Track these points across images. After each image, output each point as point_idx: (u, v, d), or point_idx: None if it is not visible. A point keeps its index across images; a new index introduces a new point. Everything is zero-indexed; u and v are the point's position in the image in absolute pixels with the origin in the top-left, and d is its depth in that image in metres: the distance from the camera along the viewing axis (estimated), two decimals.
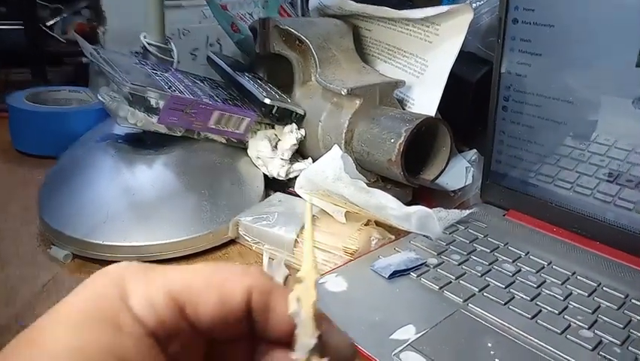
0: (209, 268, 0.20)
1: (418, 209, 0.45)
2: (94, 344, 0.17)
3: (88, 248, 0.48)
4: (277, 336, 0.20)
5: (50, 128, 0.68)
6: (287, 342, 0.20)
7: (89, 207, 0.50)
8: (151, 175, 0.54)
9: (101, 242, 0.47)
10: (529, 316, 0.40)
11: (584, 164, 0.50)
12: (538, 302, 0.42)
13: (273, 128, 0.65)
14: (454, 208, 0.57)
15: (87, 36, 0.88)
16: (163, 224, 0.49)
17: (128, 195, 0.51)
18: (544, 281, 0.45)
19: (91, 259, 0.48)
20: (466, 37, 0.56)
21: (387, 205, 0.46)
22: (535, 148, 0.53)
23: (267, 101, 0.58)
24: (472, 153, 0.65)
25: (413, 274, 0.45)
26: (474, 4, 0.63)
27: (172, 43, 0.67)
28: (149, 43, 0.65)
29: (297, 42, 0.63)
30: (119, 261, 0.20)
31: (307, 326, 0.19)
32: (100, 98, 0.57)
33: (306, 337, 0.19)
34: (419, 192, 0.59)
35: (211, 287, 0.19)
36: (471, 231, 0.52)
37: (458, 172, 0.62)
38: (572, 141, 0.50)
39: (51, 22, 1.27)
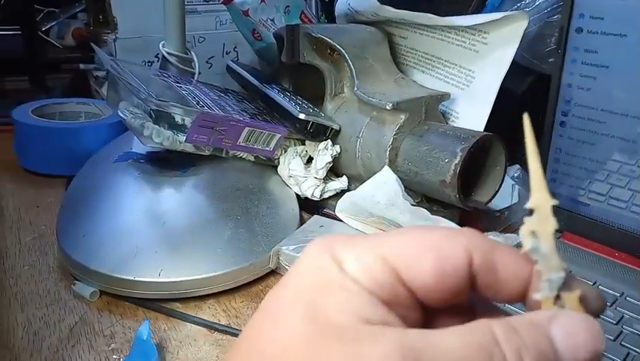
0: (420, 231, 0.19)
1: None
2: (331, 307, 0.17)
3: (117, 284, 0.43)
4: (507, 298, 0.19)
5: (61, 145, 0.63)
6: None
7: (115, 237, 0.45)
8: (181, 200, 0.50)
9: (132, 278, 0.42)
10: (620, 359, 0.36)
11: None
12: (623, 343, 0.38)
13: (303, 143, 0.60)
14: (504, 230, 0.54)
15: (87, 42, 0.83)
16: (199, 256, 0.45)
17: (159, 224, 0.47)
18: (622, 317, 0.41)
19: (121, 296, 0.43)
20: None
21: None
22: (594, 166, 0.50)
23: (302, 116, 0.54)
24: (515, 169, 0.61)
25: None
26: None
27: (192, 53, 0.62)
28: (168, 53, 0.60)
29: (330, 51, 0.59)
30: (152, 299, 0.18)
31: (551, 258, 0.18)
32: (120, 114, 0.52)
33: (552, 271, 0.18)
34: (464, 213, 0.56)
35: (427, 249, 0.18)
36: None
37: (503, 190, 0.58)
38: (638, 159, 0.47)
39: (46, 27, 1.21)
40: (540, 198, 0.18)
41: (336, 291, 0.17)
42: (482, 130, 0.54)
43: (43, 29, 1.18)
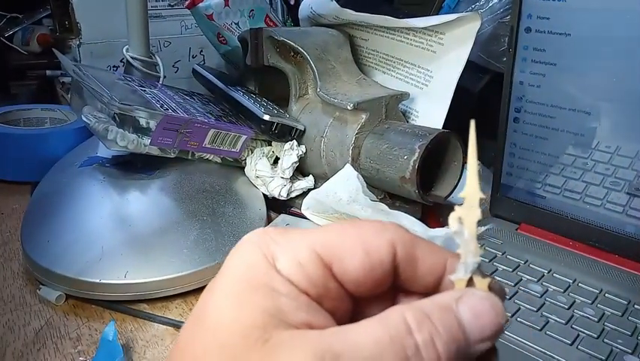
0: (348, 227, 0.20)
1: (445, 232, 0.43)
2: (256, 310, 0.17)
3: (83, 287, 0.43)
4: (423, 287, 0.20)
5: (26, 152, 0.62)
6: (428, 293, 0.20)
7: (80, 241, 0.46)
8: (147, 202, 0.50)
9: (98, 280, 0.43)
10: (569, 342, 0.38)
11: (601, 175, 0.49)
12: (574, 326, 0.40)
13: (269, 144, 0.61)
14: None
15: (51, 48, 0.83)
16: (165, 257, 0.45)
17: (124, 227, 0.47)
18: (575, 301, 0.43)
19: (87, 299, 0.43)
20: None
21: (410, 228, 0.43)
22: (548, 160, 0.52)
23: (267, 117, 0.55)
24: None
25: None
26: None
27: (157, 57, 0.63)
28: (132, 57, 0.61)
29: (293, 53, 0.60)
30: (119, 301, 0.19)
31: (471, 244, 0.19)
32: (84, 119, 0.53)
33: (470, 256, 0.19)
34: (426, 208, 0.57)
35: (355, 244, 0.19)
36: (488, 248, 0.50)
37: (463, 185, 0.60)
38: (590, 152, 0.49)
39: (9, 33, 1.19)
40: (471, 190, 0.20)
41: (263, 293, 0.18)
42: (441, 127, 0.56)
43: (7, 35, 1.16)
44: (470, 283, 0.19)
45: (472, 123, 0.21)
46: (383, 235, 0.19)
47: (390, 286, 0.20)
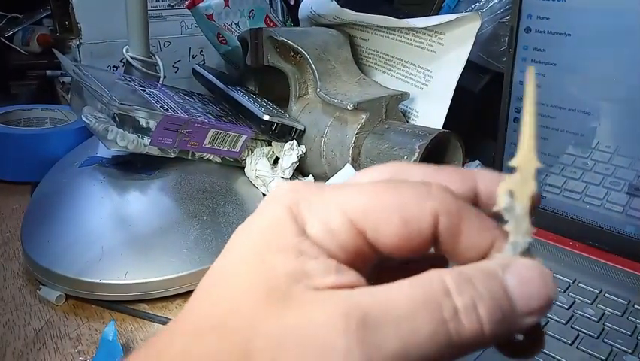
0: (388, 189, 0.18)
1: None
2: (280, 272, 0.17)
3: (83, 287, 0.43)
4: (465, 261, 0.18)
5: (26, 152, 0.62)
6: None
7: (80, 241, 0.46)
8: (147, 202, 0.50)
9: (97, 280, 0.43)
10: (569, 342, 0.38)
11: (601, 175, 0.49)
12: (574, 325, 0.40)
13: (269, 144, 0.61)
14: None
15: (51, 48, 0.83)
16: (165, 257, 0.45)
17: (124, 227, 0.47)
18: (575, 301, 0.43)
19: (87, 299, 0.43)
20: None
21: None
22: (548, 160, 0.52)
23: (267, 117, 0.55)
24: (475, 165, 0.63)
25: None
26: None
27: (157, 57, 0.63)
28: (132, 58, 0.61)
29: (293, 53, 0.60)
30: (119, 301, 0.18)
31: (523, 221, 0.17)
32: (84, 119, 0.53)
33: (520, 235, 0.17)
34: None
35: (393, 211, 0.17)
36: None
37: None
38: (590, 152, 0.49)
39: (10, 33, 1.19)
40: (526, 157, 0.17)
41: (289, 256, 0.17)
42: (441, 127, 0.56)
43: (7, 35, 1.16)
44: None
45: (531, 71, 0.18)
46: (425, 203, 0.17)
47: (429, 253, 0.19)
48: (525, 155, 0.17)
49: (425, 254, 0.18)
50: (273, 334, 0.16)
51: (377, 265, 0.19)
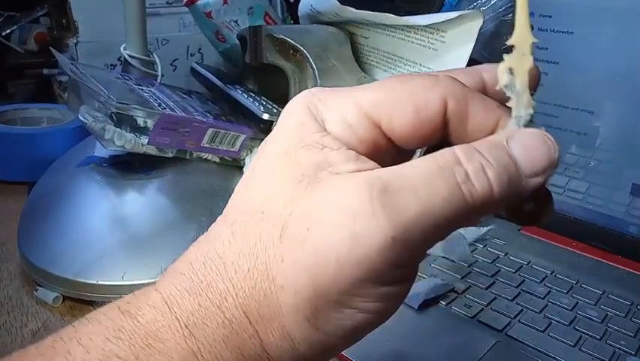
0: (398, 82, 0.20)
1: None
2: (307, 162, 0.19)
3: (80, 289, 0.43)
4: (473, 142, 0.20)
5: (23, 151, 0.62)
6: None
7: (77, 241, 0.45)
8: (144, 203, 0.50)
9: (95, 282, 0.42)
10: (572, 343, 0.38)
11: (604, 175, 0.48)
12: (577, 327, 0.40)
13: None
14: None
15: (48, 47, 0.82)
16: (163, 258, 0.44)
17: (122, 227, 0.46)
18: (577, 303, 0.43)
19: (84, 300, 0.43)
20: None
21: None
22: None
23: (266, 116, 0.55)
24: None
25: (442, 302, 0.42)
26: None
27: (155, 55, 0.62)
28: (130, 56, 0.60)
29: (292, 51, 0.59)
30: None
31: (524, 96, 0.19)
32: (81, 118, 0.52)
33: (522, 108, 0.19)
34: None
35: (404, 101, 0.19)
36: (491, 249, 0.49)
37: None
38: (592, 151, 0.49)
39: (6, 32, 1.19)
40: (521, 35, 0.19)
41: (313, 149, 0.19)
42: None
43: (4, 34, 1.15)
44: None
45: None
46: (434, 89, 0.19)
47: (442, 144, 0.20)
48: (520, 33, 0.19)
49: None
50: (305, 209, 0.18)
51: (396, 160, 0.20)
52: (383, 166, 0.19)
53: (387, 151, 0.20)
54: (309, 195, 0.18)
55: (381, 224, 0.17)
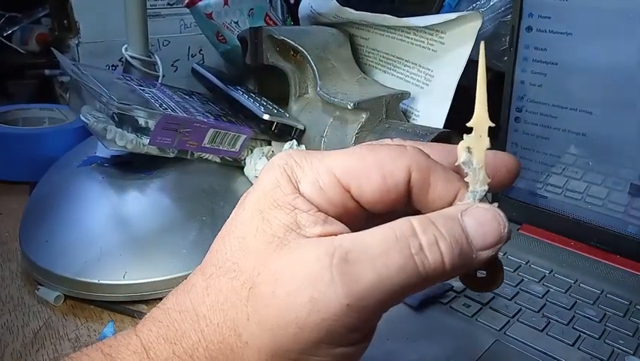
0: (368, 150, 0.21)
1: None
2: (278, 224, 0.20)
3: (81, 288, 0.43)
4: (432, 211, 0.21)
5: (24, 151, 0.62)
6: None
7: (79, 241, 0.45)
8: (145, 202, 0.50)
9: (96, 281, 0.42)
10: (570, 343, 0.38)
11: (603, 175, 0.49)
12: (575, 326, 0.40)
13: (269, 144, 0.61)
14: None
15: (50, 47, 0.83)
16: (165, 257, 0.45)
17: (123, 227, 0.47)
18: (576, 302, 0.43)
19: (85, 299, 0.43)
20: None
21: None
22: (550, 160, 0.52)
23: (267, 117, 0.55)
24: None
25: (441, 302, 0.42)
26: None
27: (156, 56, 0.63)
28: (131, 57, 0.60)
29: (293, 52, 0.60)
30: (118, 301, 0.22)
31: (480, 173, 0.20)
32: (83, 118, 0.52)
33: (478, 184, 0.20)
34: None
35: (373, 169, 0.21)
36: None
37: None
38: (591, 152, 0.49)
39: (8, 32, 1.19)
40: (480, 118, 0.21)
41: (286, 209, 0.20)
42: (442, 127, 0.56)
43: (5, 34, 1.16)
44: None
45: (482, 45, 0.21)
46: (401, 160, 0.21)
47: (406, 208, 0.22)
48: (479, 116, 0.21)
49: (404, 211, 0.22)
50: (271, 272, 0.19)
51: (365, 223, 0.21)
52: (353, 226, 0.21)
53: (357, 213, 0.21)
54: (276, 258, 0.19)
55: (338, 291, 0.18)
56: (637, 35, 0.43)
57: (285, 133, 0.57)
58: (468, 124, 0.20)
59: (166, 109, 0.52)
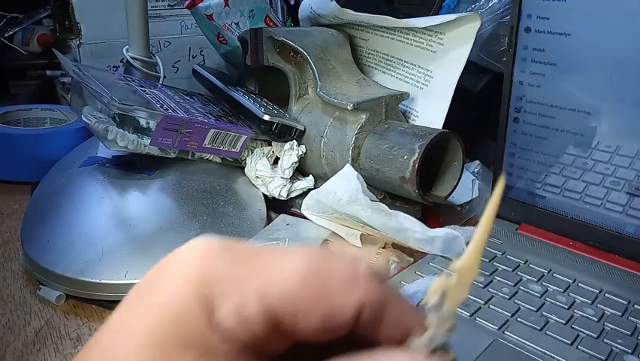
0: (318, 274, 0.17)
1: (445, 232, 0.43)
2: None
3: (83, 287, 0.43)
4: (382, 342, 0.18)
5: (26, 152, 0.62)
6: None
7: (80, 241, 0.46)
8: (147, 202, 0.50)
9: (97, 280, 0.43)
10: (569, 342, 0.38)
11: (601, 175, 0.49)
12: (574, 325, 0.40)
13: (269, 144, 0.61)
14: (465, 224, 0.55)
15: (51, 48, 0.83)
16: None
17: (124, 226, 0.47)
18: (574, 301, 0.43)
19: (87, 299, 0.43)
20: None
21: (409, 228, 0.43)
22: (548, 160, 0.52)
23: (267, 117, 0.55)
24: (476, 165, 0.63)
25: None
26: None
27: (157, 57, 0.63)
28: (132, 58, 0.61)
29: (293, 53, 0.60)
30: (119, 301, 0.17)
31: (447, 322, 0.17)
32: (84, 119, 0.53)
33: (442, 331, 0.17)
34: (426, 208, 0.57)
35: (316, 302, 0.16)
36: (488, 248, 0.50)
37: (463, 185, 0.60)
38: (589, 152, 0.49)
39: (9, 33, 1.19)
40: (469, 266, 0.18)
41: (196, 352, 0.16)
42: (441, 127, 0.56)
43: (7, 35, 1.16)
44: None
45: (502, 180, 0.18)
46: (352, 294, 0.17)
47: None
48: (468, 263, 0.18)
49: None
50: None
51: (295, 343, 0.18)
52: (274, 345, 0.17)
53: (288, 340, 0.17)
54: None
55: None
56: (635, 36, 0.44)
57: (285, 133, 0.57)
58: (452, 267, 0.17)
59: (167, 110, 0.53)
